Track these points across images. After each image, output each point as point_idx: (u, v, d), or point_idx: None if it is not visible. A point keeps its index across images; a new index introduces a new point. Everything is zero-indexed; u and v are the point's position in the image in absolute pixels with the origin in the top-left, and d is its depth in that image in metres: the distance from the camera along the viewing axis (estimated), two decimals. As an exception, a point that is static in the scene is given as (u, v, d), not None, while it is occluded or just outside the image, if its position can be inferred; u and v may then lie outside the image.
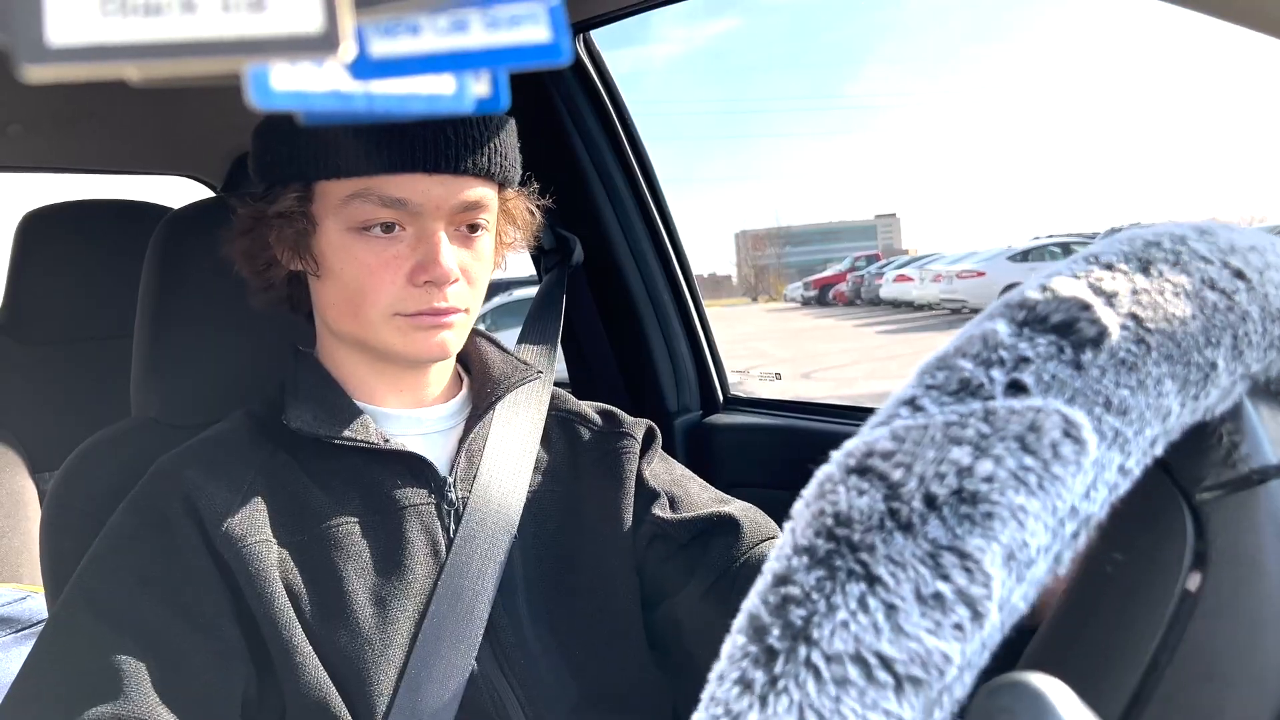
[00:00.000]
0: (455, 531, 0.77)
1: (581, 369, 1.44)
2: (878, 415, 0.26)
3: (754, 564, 0.81)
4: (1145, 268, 0.28)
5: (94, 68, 0.17)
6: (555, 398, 0.91)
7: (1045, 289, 0.27)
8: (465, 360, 0.88)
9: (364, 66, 0.22)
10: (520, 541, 0.80)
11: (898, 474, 0.24)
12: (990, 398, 0.25)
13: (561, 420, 0.89)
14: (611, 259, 1.34)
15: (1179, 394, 0.27)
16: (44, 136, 1.68)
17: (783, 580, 0.24)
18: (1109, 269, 0.28)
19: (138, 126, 1.69)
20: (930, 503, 0.24)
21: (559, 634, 0.79)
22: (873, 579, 0.23)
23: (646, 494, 0.86)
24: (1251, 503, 0.30)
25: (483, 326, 0.90)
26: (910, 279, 17.38)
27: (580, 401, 0.92)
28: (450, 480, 0.79)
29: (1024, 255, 14.97)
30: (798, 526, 0.25)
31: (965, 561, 0.23)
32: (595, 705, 0.78)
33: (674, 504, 0.85)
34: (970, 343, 0.27)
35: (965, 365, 0.26)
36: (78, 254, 1.58)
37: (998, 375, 0.26)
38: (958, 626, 0.23)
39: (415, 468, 0.78)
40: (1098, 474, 0.25)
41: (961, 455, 0.24)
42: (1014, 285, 0.28)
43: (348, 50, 0.18)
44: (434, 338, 0.75)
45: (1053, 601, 0.32)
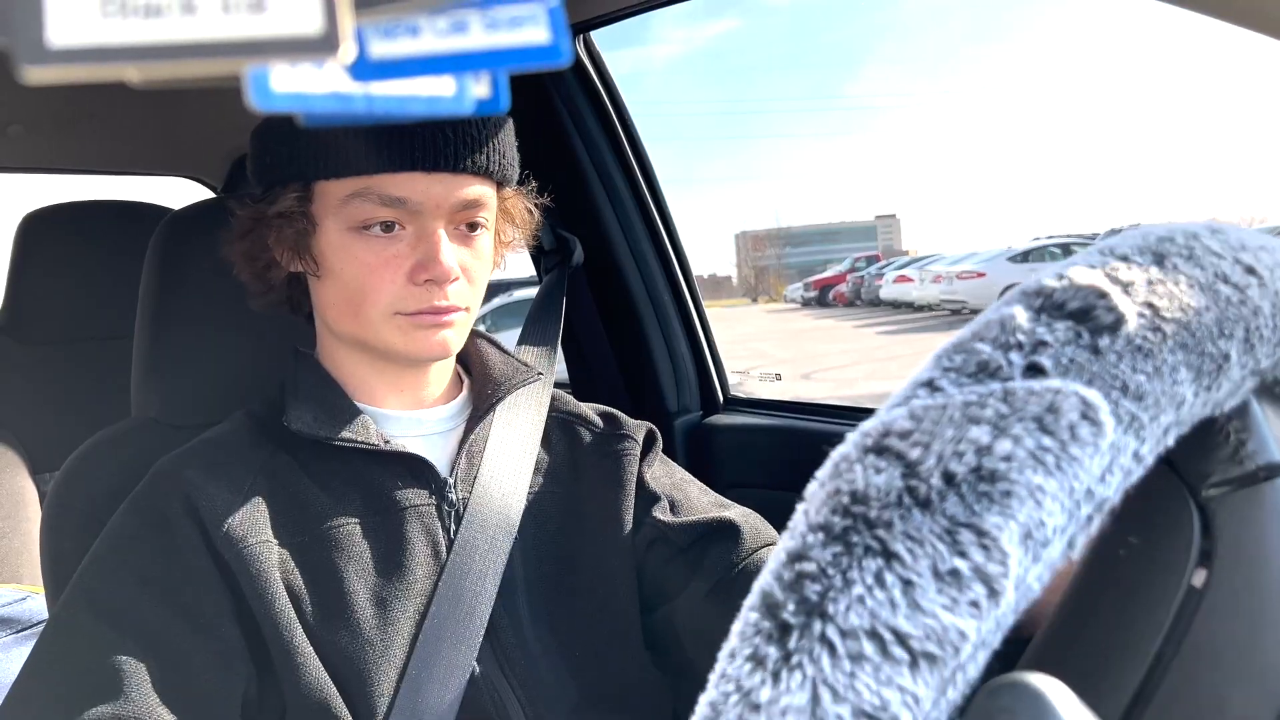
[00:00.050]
0: (456, 533, 0.77)
1: (582, 370, 1.44)
2: (894, 397, 0.26)
3: (753, 570, 0.81)
4: (1160, 260, 0.28)
5: (94, 69, 0.17)
6: (555, 399, 0.91)
7: (1062, 277, 0.27)
8: (465, 361, 0.88)
9: (364, 68, 0.22)
10: (520, 542, 0.80)
11: (915, 453, 0.24)
12: (1009, 379, 0.25)
13: (562, 422, 0.89)
14: (611, 259, 1.34)
15: (1193, 383, 0.27)
16: (44, 137, 1.68)
17: (798, 557, 0.24)
18: (1124, 260, 0.28)
19: (138, 128, 1.69)
20: (949, 480, 0.24)
21: (559, 634, 0.79)
22: (890, 555, 0.23)
23: (647, 496, 0.86)
24: (1258, 499, 0.30)
25: (483, 327, 0.90)
26: (910, 280, 17.38)
27: (581, 403, 0.92)
28: (451, 481, 0.79)
29: (1024, 256, 14.97)
30: (812, 506, 0.25)
31: (983, 539, 0.23)
32: (595, 705, 0.78)
33: (674, 507, 0.85)
34: (988, 327, 0.27)
35: (983, 348, 0.26)
36: (78, 254, 1.58)
37: (1016, 358, 0.26)
38: (974, 604, 0.23)
39: (416, 469, 0.78)
40: (1114, 457, 0.25)
41: (980, 434, 0.24)
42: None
43: (348, 52, 0.18)
44: (435, 336, 0.76)
45: (1047, 611, 0.32)
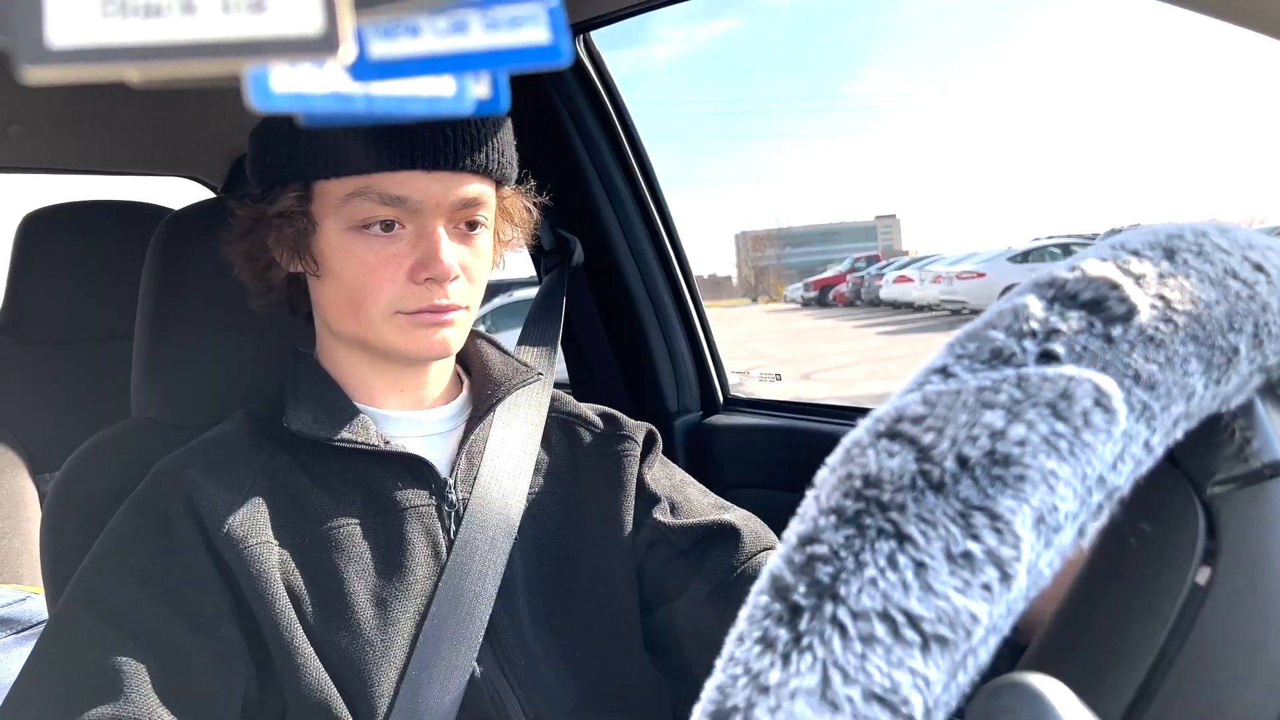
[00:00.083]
0: (456, 533, 0.77)
1: (581, 370, 1.44)
2: (906, 384, 0.26)
3: (752, 574, 0.81)
4: (1170, 256, 0.28)
5: (94, 69, 0.17)
6: (555, 399, 0.91)
7: (1075, 269, 0.27)
8: (465, 362, 0.88)
9: (364, 68, 0.22)
10: (520, 543, 0.80)
11: (929, 437, 0.24)
12: (1022, 365, 0.25)
13: (562, 422, 0.89)
14: (611, 260, 1.34)
15: (1203, 375, 0.27)
16: (44, 137, 1.68)
17: (809, 540, 0.24)
18: (1135, 255, 0.28)
19: (138, 128, 1.69)
20: (963, 464, 0.24)
21: (559, 635, 0.79)
22: (903, 537, 0.23)
23: (647, 498, 0.86)
24: (1262, 497, 0.30)
25: (483, 327, 0.90)
26: (910, 280, 17.38)
27: (581, 404, 0.92)
28: (451, 482, 0.79)
29: (1024, 256, 14.97)
30: (823, 492, 0.25)
31: (996, 522, 0.23)
32: (595, 705, 0.78)
33: (674, 509, 0.85)
34: (1001, 316, 0.27)
35: (997, 335, 0.26)
36: (78, 254, 1.58)
37: (1029, 345, 0.26)
38: (986, 587, 0.23)
39: (416, 469, 0.78)
40: (1126, 445, 0.25)
41: (994, 419, 0.24)
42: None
43: (348, 52, 0.18)
44: (435, 335, 0.76)
45: (1042, 618, 0.32)
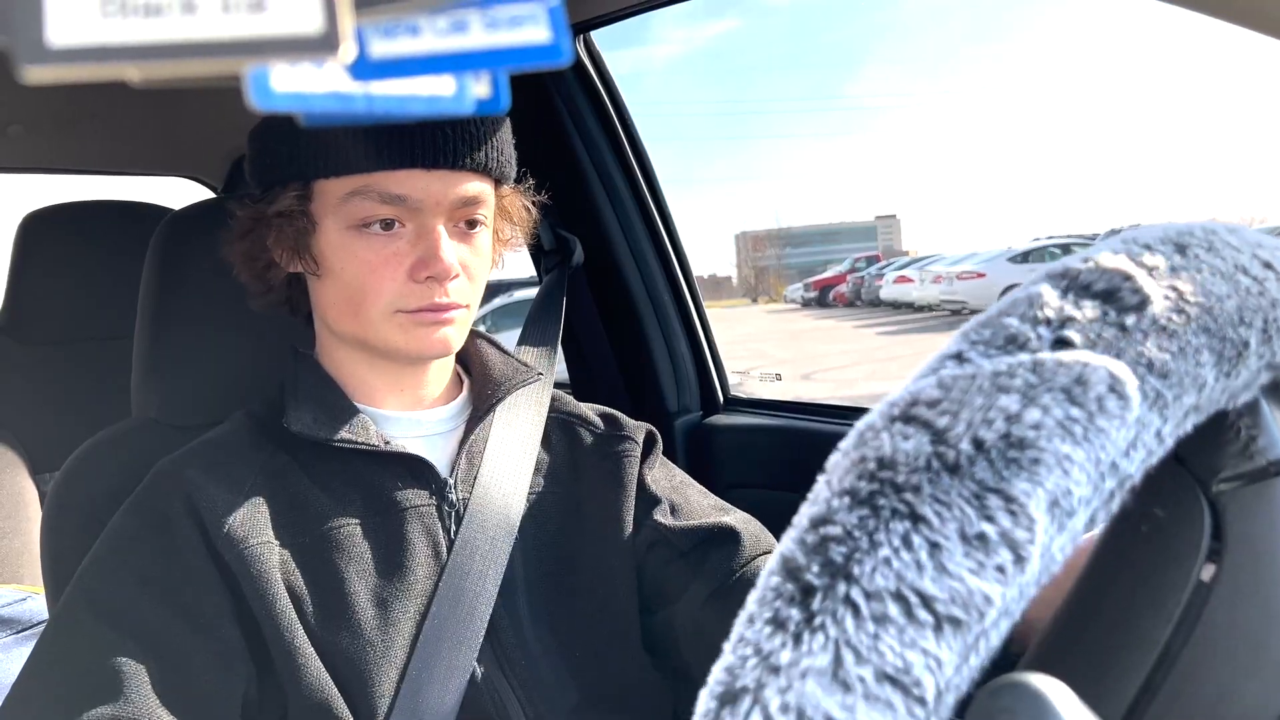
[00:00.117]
0: (456, 533, 0.77)
1: (581, 370, 1.44)
2: (920, 370, 0.26)
3: (751, 577, 0.81)
4: (1182, 250, 0.28)
5: (94, 69, 0.17)
6: (555, 399, 0.91)
7: (1088, 260, 0.28)
8: (465, 362, 0.88)
9: (364, 67, 0.21)
10: (521, 543, 0.80)
11: (944, 420, 0.24)
12: (1037, 351, 0.26)
13: (562, 422, 0.89)
14: (611, 259, 1.34)
15: (1214, 367, 0.27)
16: (44, 137, 1.68)
17: (822, 521, 0.24)
18: (1148, 248, 0.28)
19: (138, 127, 1.69)
20: (978, 446, 0.24)
21: (559, 634, 0.79)
22: (917, 518, 0.23)
23: (647, 499, 0.86)
24: (1267, 494, 0.30)
25: (483, 328, 0.90)
26: (910, 280, 17.37)
27: (581, 404, 0.92)
28: (451, 482, 0.79)
29: (1024, 256, 14.97)
30: (835, 475, 0.25)
31: (1011, 504, 0.23)
32: (596, 705, 0.78)
33: (674, 511, 0.85)
34: (1015, 305, 0.27)
35: (1011, 322, 0.26)
36: (78, 254, 1.58)
37: (1044, 332, 0.26)
38: (1000, 569, 0.23)
39: (416, 469, 0.78)
40: (1139, 433, 0.26)
41: (1010, 403, 0.24)
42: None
43: (348, 51, 0.18)
44: (436, 334, 0.76)
45: (1037, 625, 0.32)
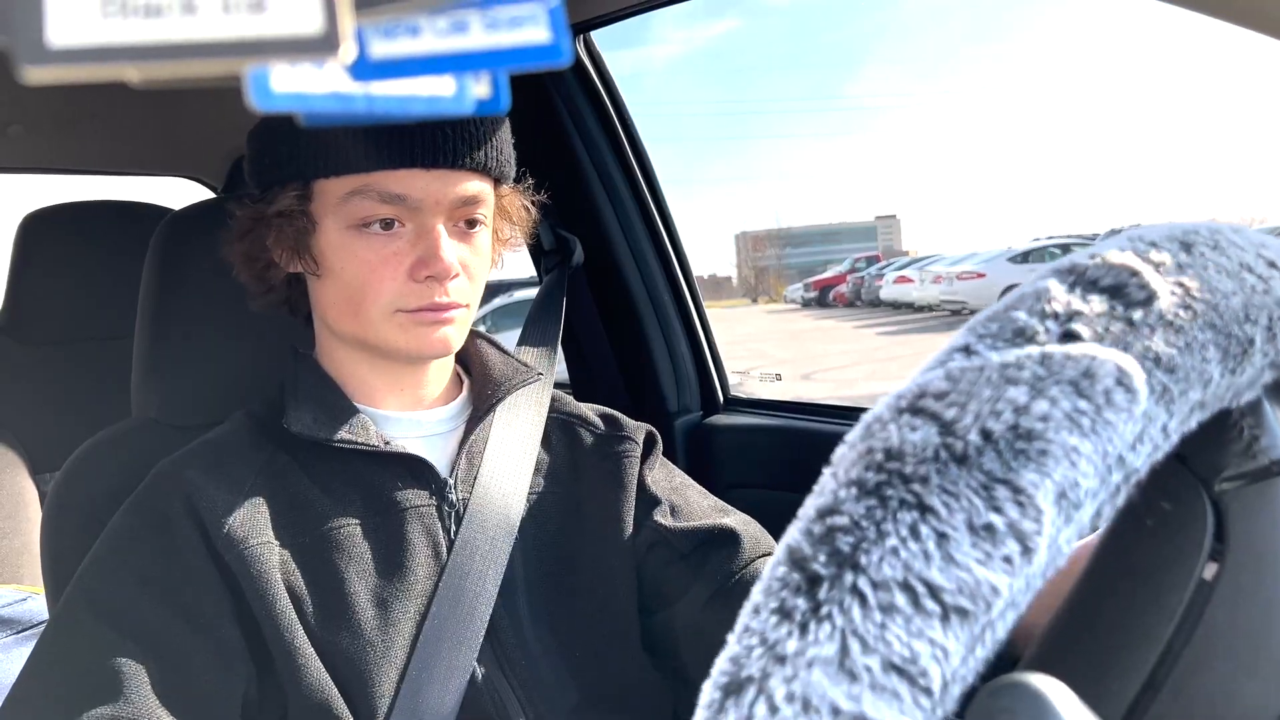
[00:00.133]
0: (456, 533, 0.77)
1: (582, 370, 1.44)
2: (927, 363, 0.26)
3: (751, 580, 0.81)
4: (1188, 248, 0.29)
5: (94, 69, 0.17)
6: (556, 400, 0.91)
7: (1094, 257, 0.28)
8: (465, 362, 0.88)
9: (364, 68, 0.21)
10: (521, 543, 0.80)
11: (952, 412, 0.24)
12: (1045, 345, 0.26)
13: (562, 423, 0.89)
14: (612, 260, 1.34)
15: (1220, 363, 0.27)
16: (44, 137, 1.68)
17: (828, 512, 0.24)
18: (1154, 245, 0.28)
19: (138, 128, 1.69)
20: (986, 437, 0.24)
21: (560, 634, 0.79)
22: (925, 508, 0.23)
23: (647, 499, 0.86)
24: (1270, 494, 0.30)
25: (483, 328, 0.90)
26: (910, 280, 17.37)
27: (581, 404, 0.92)
28: (451, 482, 0.79)
29: (1024, 257, 14.97)
30: (841, 467, 0.25)
31: (1019, 495, 0.23)
32: (596, 705, 0.78)
33: (675, 512, 0.85)
34: (1022, 299, 0.27)
35: (1019, 316, 0.27)
36: (78, 254, 1.58)
37: (1052, 325, 0.26)
38: (1007, 559, 0.23)
39: (416, 470, 0.78)
40: (1145, 427, 0.26)
41: (1018, 394, 0.24)
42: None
43: (348, 52, 0.18)
44: (436, 333, 0.76)
45: (1033, 631, 0.32)
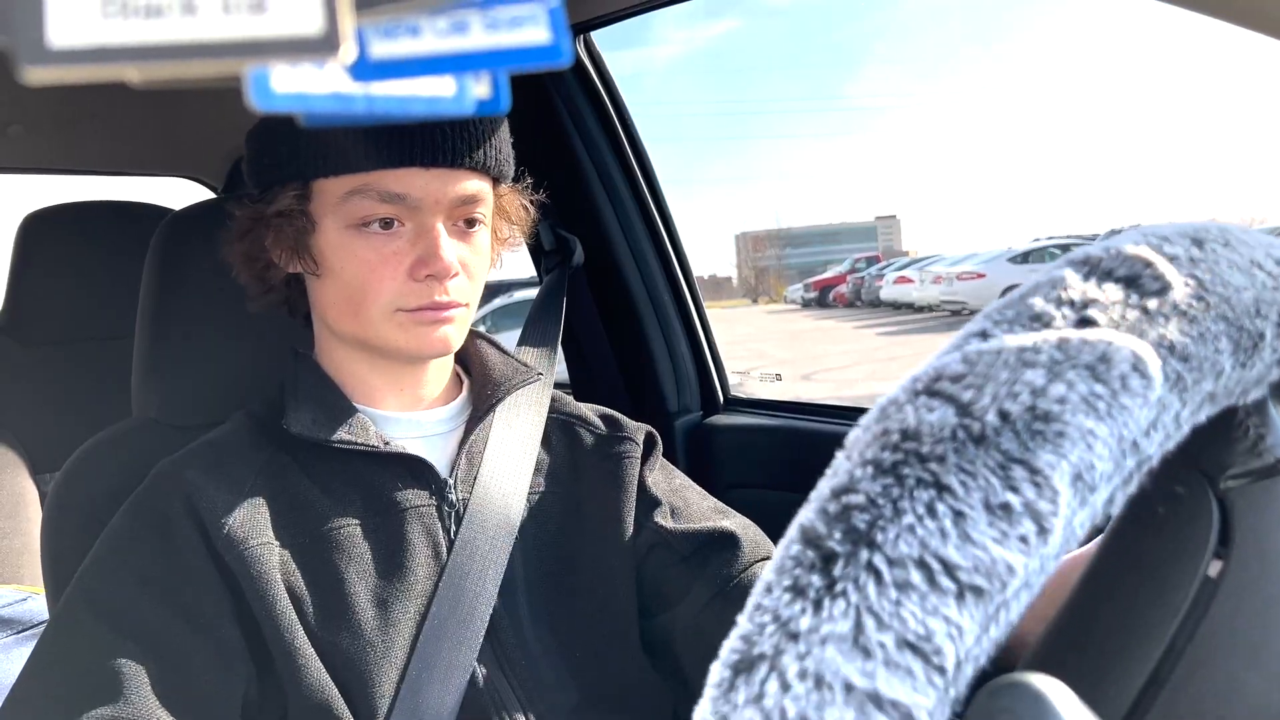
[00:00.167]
0: (456, 533, 0.77)
1: (582, 370, 1.44)
2: (944, 347, 0.26)
3: (750, 582, 0.81)
4: (1199, 243, 0.29)
5: (95, 69, 0.17)
6: (556, 400, 0.91)
7: (1109, 249, 0.28)
8: (465, 362, 0.88)
9: (364, 68, 0.22)
10: (521, 543, 0.80)
11: (969, 394, 0.25)
12: (1061, 329, 0.26)
13: (562, 423, 0.89)
14: (612, 260, 1.34)
15: (1231, 355, 0.28)
16: (44, 137, 1.68)
17: (844, 490, 0.24)
18: (1166, 240, 0.29)
19: (138, 128, 1.69)
20: (1004, 417, 0.24)
21: (560, 634, 0.79)
22: (942, 487, 0.23)
23: (648, 501, 0.86)
24: (1275, 491, 0.31)
25: (483, 328, 0.90)
26: (910, 281, 17.37)
27: (581, 404, 0.92)
28: (451, 482, 0.79)
29: (1024, 257, 14.97)
30: (856, 449, 0.25)
31: (1035, 476, 0.23)
32: (596, 705, 0.78)
33: (675, 514, 0.85)
34: (1038, 287, 0.27)
35: (1036, 302, 0.27)
36: (78, 255, 1.58)
37: (1068, 312, 0.26)
38: (1023, 539, 0.23)
39: (416, 470, 0.78)
40: (1159, 414, 0.26)
41: (1035, 377, 0.25)
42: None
43: (348, 52, 0.18)
44: (435, 332, 0.76)
45: (1029, 638, 0.32)
